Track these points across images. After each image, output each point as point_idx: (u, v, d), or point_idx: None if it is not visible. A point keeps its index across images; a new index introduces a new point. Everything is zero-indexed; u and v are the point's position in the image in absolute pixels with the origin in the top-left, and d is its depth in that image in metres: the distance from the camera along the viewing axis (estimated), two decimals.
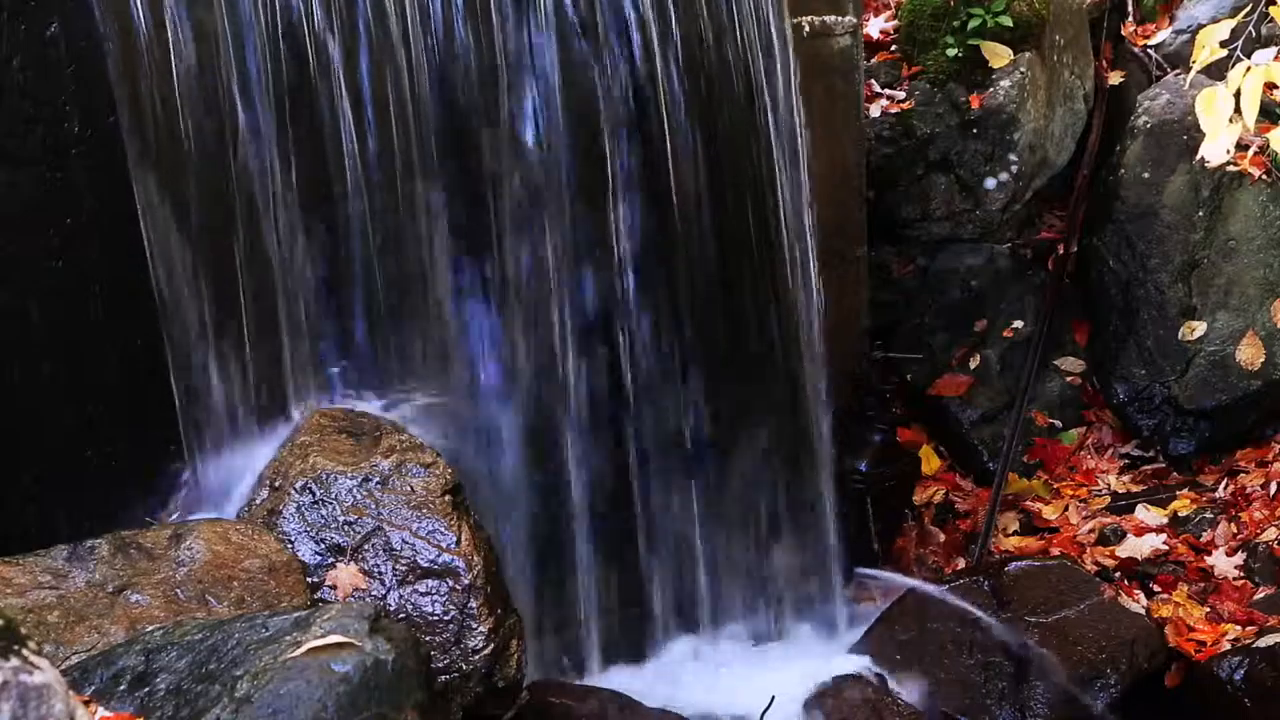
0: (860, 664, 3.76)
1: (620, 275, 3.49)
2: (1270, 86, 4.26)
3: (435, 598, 2.73)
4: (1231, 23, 2.77)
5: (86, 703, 1.79)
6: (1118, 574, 4.24)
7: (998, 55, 4.80)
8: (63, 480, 2.79)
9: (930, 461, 4.74)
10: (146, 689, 2.11)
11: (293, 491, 2.82)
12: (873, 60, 4.93)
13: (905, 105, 4.85)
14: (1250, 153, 4.62)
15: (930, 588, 3.97)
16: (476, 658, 2.71)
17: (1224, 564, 4.21)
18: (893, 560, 4.44)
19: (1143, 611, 3.95)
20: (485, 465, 3.36)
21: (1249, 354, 4.61)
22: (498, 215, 3.29)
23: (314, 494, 2.82)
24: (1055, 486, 4.71)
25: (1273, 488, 4.44)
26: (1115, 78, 5.25)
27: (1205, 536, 4.34)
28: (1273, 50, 2.81)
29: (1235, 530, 4.33)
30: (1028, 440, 4.80)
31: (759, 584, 3.94)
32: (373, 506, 2.80)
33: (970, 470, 4.77)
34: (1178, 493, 4.56)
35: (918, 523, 4.58)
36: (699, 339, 3.66)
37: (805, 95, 3.76)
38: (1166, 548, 4.32)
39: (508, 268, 3.32)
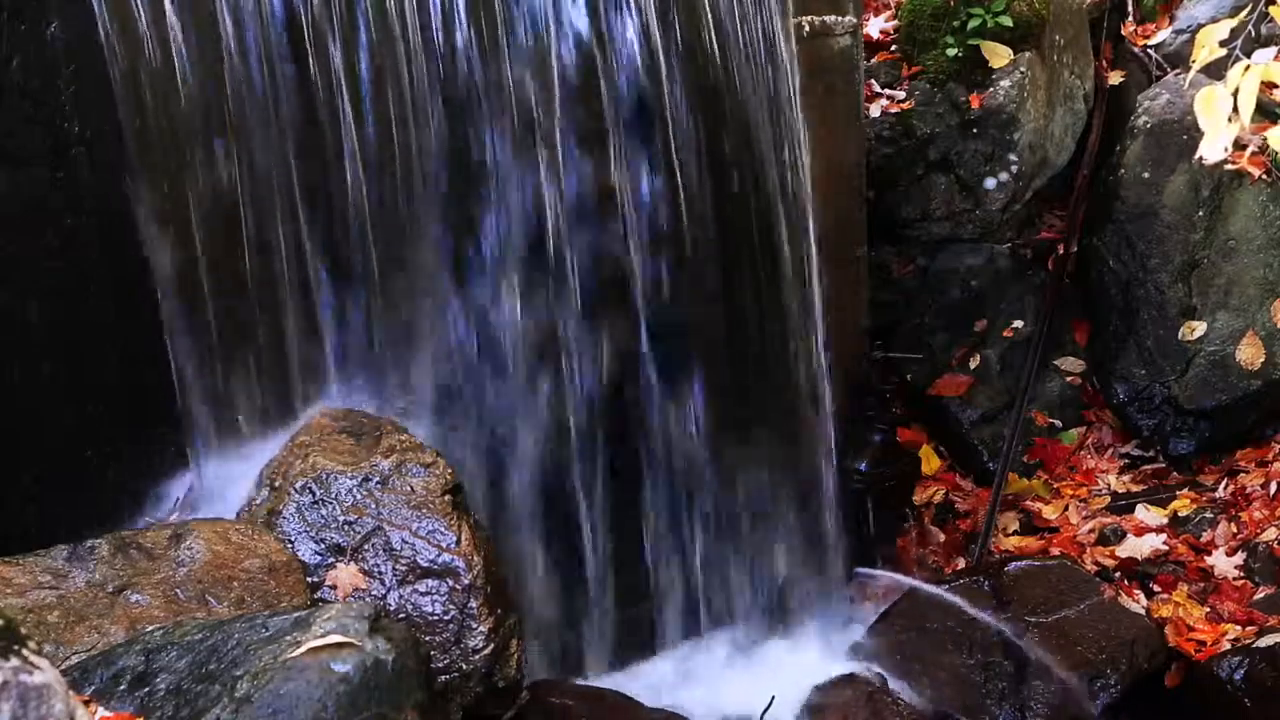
0: (860, 664, 3.76)
1: (623, 275, 3.49)
2: (1269, 86, 4.27)
3: (435, 598, 2.73)
4: (1231, 22, 2.76)
5: (86, 703, 1.79)
6: (1118, 574, 4.24)
7: (998, 55, 4.80)
8: (63, 480, 2.79)
9: (930, 461, 4.74)
10: (146, 689, 2.11)
11: (293, 491, 2.82)
12: (873, 60, 4.93)
13: (905, 105, 4.85)
14: (1249, 152, 4.62)
15: (930, 588, 3.98)
16: (476, 657, 2.71)
17: (1224, 564, 4.21)
18: (893, 560, 4.44)
19: (1143, 611, 3.96)
20: (489, 463, 3.37)
21: (1249, 354, 4.62)
22: (501, 214, 3.29)
23: (314, 494, 2.81)
24: (1055, 486, 4.71)
25: (1273, 488, 4.44)
26: (1115, 78, 5.25)
27: (1205, 536, 4.34)
28: (1272, 50, 2.81)
29: (1235, 530, 4.33)
30: (1028, 440, 4.80)
31: (760, 584, 3.94)
32: (373, 506, 2.80)
33: (970, 470, 4.77)
34: (1178, 493, 4.56)
35: (918, 523, 4.58)
36: (701, 338, 3.66)
37: (805, 95, 3.76)
38: (1166, 548, 4.32)
39: (510, 264, 3.32)
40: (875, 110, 4.82)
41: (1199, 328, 4.69)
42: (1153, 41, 5.25)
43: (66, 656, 2.33)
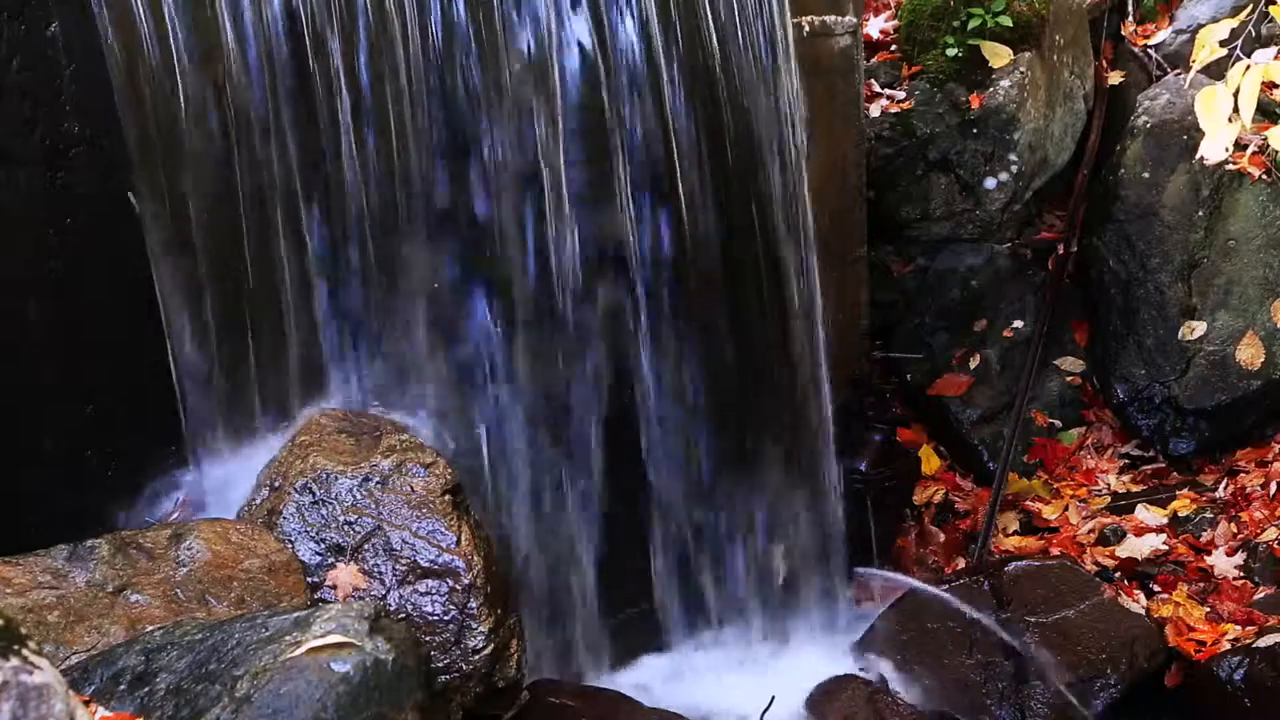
0: (860, 664, 3.76)
1: (622, 273, 3.49)
2: (1269, 85, 4.27)
3: (435, 598, 2.73)
4: (1232, 22, 2.77)
5: (86, 703, 1.79)
6: (1118, 574, 4.25)
7: (998, 55, 4.80)
8: (63, 480, 2.79)
9: (930, 461, 4.74)
10: (146, 689, 2.11)
11: (293, 491, 2.82)
12: (873, 60, 4.93)
13: (905, 105, 4.85)
14: (1249, 152, 4.63)
15: (930, 588, 3.97)
16: (476, 658, 2.71)
17: (1224, 564, 4.21)
18: (893, 560, 4.44)
19: (1143, 611, 3.95)
20: (491, 462, 3.37)
21: (1249, 354, 4.62)
22: (499, 211, 3.29)
23: (314, 494, 2.81)
24: (1055, 486, 4.71)
25: (1273, 487, 4.44)
26: (1115, 78, 5.25)
27: (1205, 536, 4.34)
28: (1272, 50, 2.81)
29: (1235, 530, 4.33)
30: (1028, 440, 4.80)
31: (760, 584, 3.94)
32: (373, 506, 2.80)
33: (970, 470, 4.77)
34: (1178, 493, 4.56)
35: (918, 523, 4.58)
36: (701, 338, 3.66)
37: (805, 95, 3.76)
38: (1166, 548, 4.32)
39: (508, 260, 3.33)
40: (875, 110, 4.82)
41: (1199, 328, 4.69)
42: (1153, 41, 5.25)
43: (66, 656, 2.33)
